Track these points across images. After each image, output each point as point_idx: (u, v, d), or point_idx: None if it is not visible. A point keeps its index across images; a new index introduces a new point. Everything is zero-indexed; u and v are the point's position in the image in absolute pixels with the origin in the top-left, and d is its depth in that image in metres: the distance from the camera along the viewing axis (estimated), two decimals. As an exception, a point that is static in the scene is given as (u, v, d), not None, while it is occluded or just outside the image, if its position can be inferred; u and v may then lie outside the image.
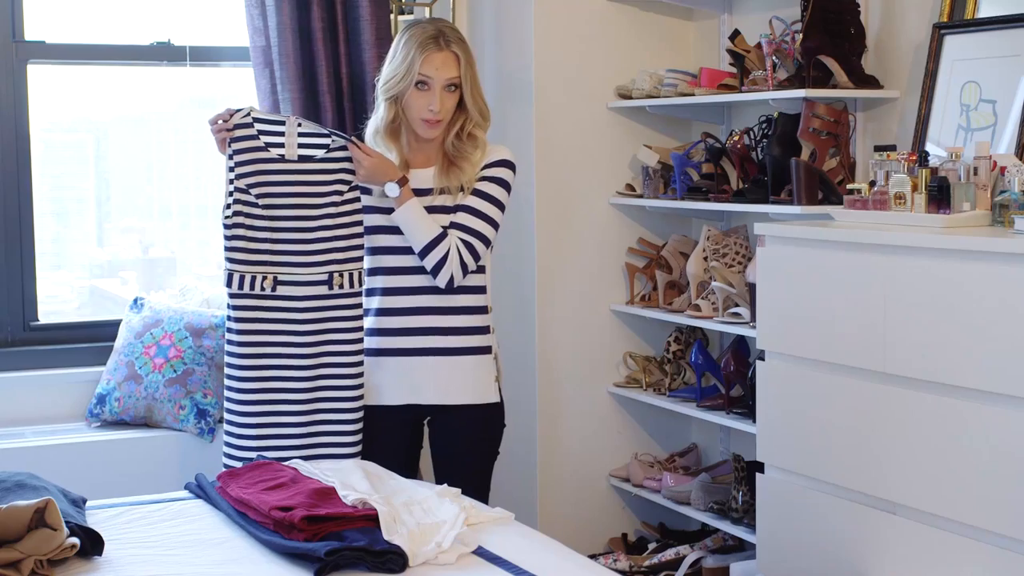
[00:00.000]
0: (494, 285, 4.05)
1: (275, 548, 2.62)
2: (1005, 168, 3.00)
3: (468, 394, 3.34)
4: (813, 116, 3.60)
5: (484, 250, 3.32)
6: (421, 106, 3.28)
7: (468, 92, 3.30)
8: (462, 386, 3.33)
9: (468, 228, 3.28)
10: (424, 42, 3.27)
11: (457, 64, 3.28)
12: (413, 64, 3.26)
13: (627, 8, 4.34)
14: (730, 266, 3.95)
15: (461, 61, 3.29)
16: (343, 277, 3.35)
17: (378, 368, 3.38)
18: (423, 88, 3.27)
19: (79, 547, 2.54)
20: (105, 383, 4.00)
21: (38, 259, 4.14)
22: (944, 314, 2.80)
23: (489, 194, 3.32)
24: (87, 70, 4.36)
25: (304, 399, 3.34)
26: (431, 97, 3.26)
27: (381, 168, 3.30)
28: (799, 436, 3.20)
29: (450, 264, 3.26)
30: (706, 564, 4.02)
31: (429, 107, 3.26)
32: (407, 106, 3.30)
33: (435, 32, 3.28)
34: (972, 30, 3.36)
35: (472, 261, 3.29)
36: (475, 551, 2.62)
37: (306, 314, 3.34)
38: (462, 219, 3.28)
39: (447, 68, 3.27)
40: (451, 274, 3.27)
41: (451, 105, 3.30)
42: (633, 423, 4.44)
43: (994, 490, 2.70)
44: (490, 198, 3.32)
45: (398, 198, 3.28)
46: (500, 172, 3.34)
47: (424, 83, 3.27)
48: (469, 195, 3.31)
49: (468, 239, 3.28)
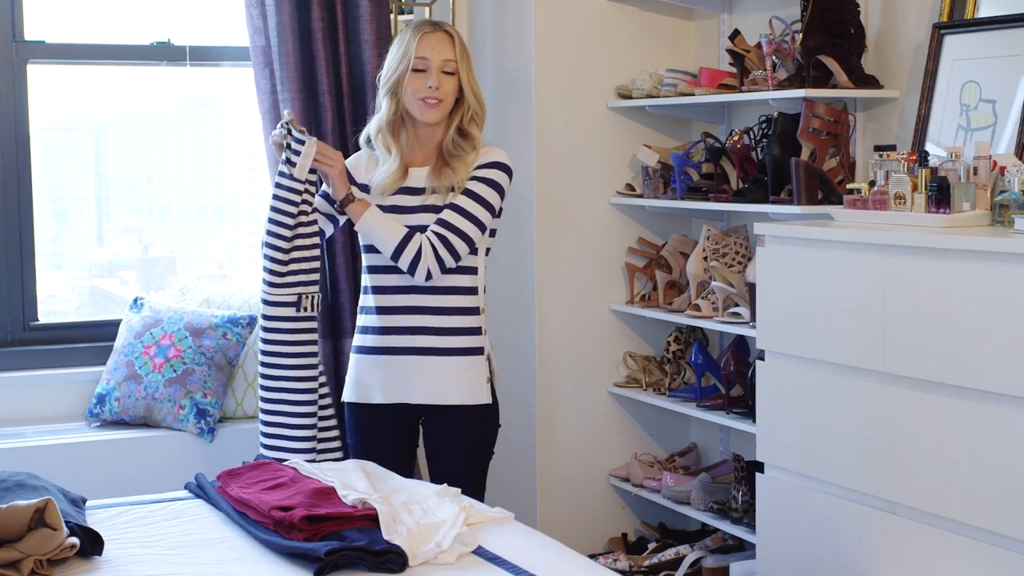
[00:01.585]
0: (493, 284, 4.05)
1: (275, 548, 2.62)
2: (1005, 168, 3.00)
3: (458, 395, 3.33)
4: (813, 116, 3.60)
5: (465, 249, 3.28)
6: (419, 87, 3.29)
7: (465, 78, 3.32)
8: (452, 387, 3.32)
9: (448, 224, 3.26)
10: (418, 26, 3.34)
11: (452, 45, 3.31)
12: (409, 48, 3.30)
13: (627, 8, 4.34)
14: (730, 266, 3.95)
15: (456, 43, 3.33)
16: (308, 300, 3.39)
17: (370, 367, 3.38)
18: (420, 71, 3.30)
19: (79, 547, 2.54)
20: (105, 383, 4.00)
21: (38, 259, 4.15)
22: (944, 314, 2.80)
23: (477, 194, 3.30)
24: (87, 70, 4.36)
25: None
26: (428, 76, 3.29)
27: (341, 179, 3.33)
28: (799, 436, 3.20)
29: (424, 260, 3.24)
30: (706, 564, 4.02)
31: (427, 84, 3.28)
32: (405, 93, 3.31)
33: (430, 20, 3.33)
34: (972, 30, 3.36)
35: (449, 257, 3.26)
36: (475, 551, 2.62)
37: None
38: (445, 215, 3.27)
39: (442, 48, 3.30)
40: (427, 269, 3.25)
41: (450, 88, 3.31)
42: (633, 423, 4.44)
43: (994, 490, 2.70)
44: (478, 198, 3.30)
45: (353, 213, 3.29)
46: (492, 173, 3.33)
47: (422, 67, 3.29)
48: (459, 194, 3.30)
49: (445, 234, 3.25)
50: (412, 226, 3.29)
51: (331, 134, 4.07)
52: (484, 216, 3.29)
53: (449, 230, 3.26)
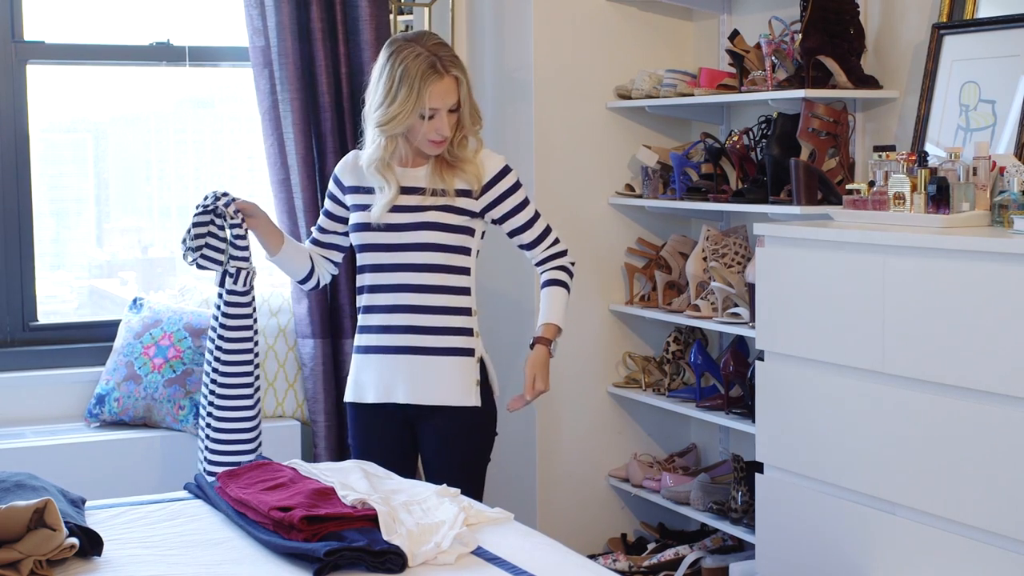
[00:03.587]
0: (493, 285, 4.06)
1: (274, 548, 2.61)
2: (1004, 168, 3.00)
3: (444, 395, 3.31)
4: (812, 116, 3.60)
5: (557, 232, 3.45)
6: (428, 130, 3.24)
7: (466, 111, 3.28)
8: (439, 387, 3.31)
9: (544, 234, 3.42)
10: (425, 73, 3.19)
11: (457, 88, 3.25)
12: (420, 100, 3.19)
13: (626, 8, 4.34)
14: (729, 266, 3.95)
15: (461, 83, 3.26)
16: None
17: (364, 366, 3.38)
18: (428, 118, 3.23)
19: (78, 547, 2.54)
20: (104, 383, 4.00)
21: (37, 259, 4.15)
22: (943, 314, 2.80)
23: (520, 203, 3.38)
24: (86, 70, 4.36)
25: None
26: (438, 123, 3.23)
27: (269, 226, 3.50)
28: (798, 436, 3.20)
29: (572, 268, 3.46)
30: (705, 564, 4.02)
31: (437, 131, 3.24)
32: (412, 129, 3.27)
33: (431, 59, 3.19)
34: (971, 30, 3.36)
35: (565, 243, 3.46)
36: (474, 551, 2.62)
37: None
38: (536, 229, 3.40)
39: (450, 95, 3.24)
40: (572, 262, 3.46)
41: (453, 123, 3.28)
42: (632, 423, 4.44)
43: (993, 490, 2.70)
44: (522, 205, 3.38)
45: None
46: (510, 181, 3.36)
47: (431, 115, 3.22)
48: (512, 216, 3.36)
49: (554, 241, 3.43)
50: (415, 223, 3.29)
51: (330, 134, 4.07)
52: (533, 210, 3.41)
53: (550, 235, 3.43)
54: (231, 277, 3.45)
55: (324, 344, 4.09)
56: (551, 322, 3.39)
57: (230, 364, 3.49)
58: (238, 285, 3.45)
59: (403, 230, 3.30)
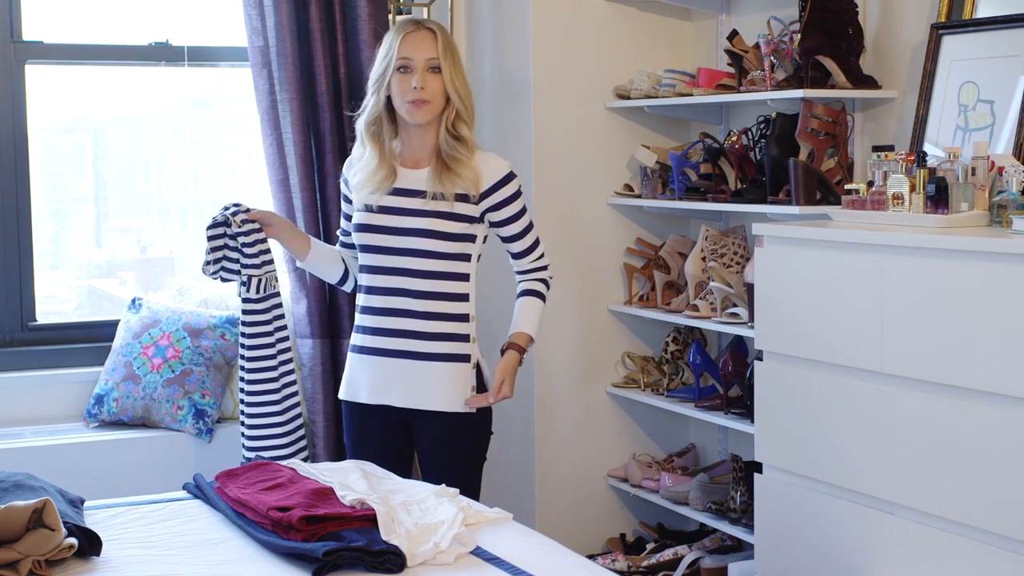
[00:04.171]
0: (492, 286, 4.06)
1: (273, 548, 2.61)
2: (1003, 168, 3.01)
3: (439, 401, 3.31)
4: (811, 116, 3.60)
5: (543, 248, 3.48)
6: (404, 88, 3.26)
7: (448, 76, 3.27)
8: (434, 392, 3.30)
9: (532, 247, 3.44)
10: (401, 25, 3.33)
11: (435, 42, 3.27)
12: (392, 47, 3.28)
13: (625, 8, 4.34)
14: (728, 266, 3.95)
15: (439, 40, 3.28)
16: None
17: (359, 366, 3.38)
18: (405, 72, 3.27)
19: (77, 547, 2.53)
20: (103, 383, 4.00)
21: (36, 259, 4.15)
22: (942, 314, 2.80)
23: (518, 212, 3.38)
24: (85, 70, 4.36)
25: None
26: (413, 76, 3.26)
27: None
28: (797, 436, 3.20)
29: (550, 282, 3.49)
30: (704, 564, 4.02)
31: (412, 85, 3.25)
32: (393, 95, 3.29)
33: (413, 19, 3.34)
34: (970, 30, 3.36)
35: (549, 262, 3.49)
36: (473, 551, 2.62)
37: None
38: (526, 241, 3.41)
39: (425, 47, 3.26)
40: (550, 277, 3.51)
41: (437, 88, 3.27)
42: (631, 423, 4.44)
43: (993, 490, 2.70)
44: (519, 215, 3.38)
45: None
46: (512, 188, 3.35)
47: (405, 67, 3.26)
48: (508, 223, 3.36)
49: (538, 254, 3.45)
50: (414, 229, 3.28)
51: (329, 134, 4.07)
52: (528, 220, 3.42)
53: (538, 248, 3.45)
54: (244, 285, 3.48)
55: (323, 344, 4.09)
56: (525, 331, 3.41)
57: (253, 372, 3.54)
58: (251, 293, 3.48)
59: (402, 234, 3.29)
